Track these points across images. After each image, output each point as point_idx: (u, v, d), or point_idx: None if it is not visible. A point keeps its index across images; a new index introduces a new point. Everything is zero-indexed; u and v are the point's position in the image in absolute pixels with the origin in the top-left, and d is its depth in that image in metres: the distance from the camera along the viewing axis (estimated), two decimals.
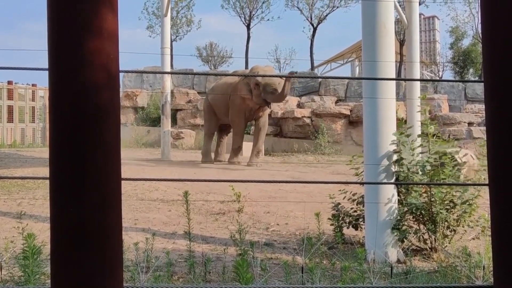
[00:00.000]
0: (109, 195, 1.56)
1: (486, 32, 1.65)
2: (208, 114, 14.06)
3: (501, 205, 1.68)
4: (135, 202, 6.94)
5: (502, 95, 1.63)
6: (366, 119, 4.44)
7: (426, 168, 4.44)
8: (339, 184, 9.21)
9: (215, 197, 7.39)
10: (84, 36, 1.52)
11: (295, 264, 4.02)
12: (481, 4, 1.68)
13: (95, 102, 1.54)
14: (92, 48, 1.52)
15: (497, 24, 1.62)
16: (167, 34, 14.42)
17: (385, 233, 4.35)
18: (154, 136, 18.27)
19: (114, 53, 1.60)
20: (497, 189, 1.69)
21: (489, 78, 1.66)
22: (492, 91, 1.66)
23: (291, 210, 6.65)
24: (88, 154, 1.51)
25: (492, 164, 1.71)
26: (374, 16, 4.29)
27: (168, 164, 12.61)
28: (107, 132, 1.57)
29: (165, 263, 3.87)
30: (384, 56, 4.25)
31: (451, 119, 17.01)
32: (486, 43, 1.66)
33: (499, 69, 1.63)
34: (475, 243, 4.76)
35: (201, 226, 5.68)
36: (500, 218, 1.68)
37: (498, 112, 1.67)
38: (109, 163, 1.57)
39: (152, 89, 20.68)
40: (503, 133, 1.65)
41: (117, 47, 1.62)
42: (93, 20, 1.53)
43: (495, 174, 1.71)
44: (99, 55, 1.54)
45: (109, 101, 1.57)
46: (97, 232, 1.53)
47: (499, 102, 1.65)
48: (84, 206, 1.50)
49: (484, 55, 1.70)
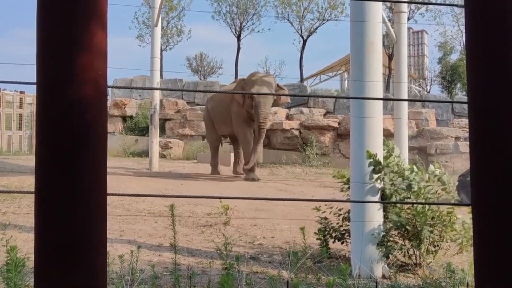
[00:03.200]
0: (95, 210, 1.56)
1: (470, 56, 1.67)
2: (209, 126, 13.72)
3: (483, 225, 1.69)
4: (121, 213, 6.91)
5: (486, 115, 1.63)
6: (353, 136, 4.48)
7: (412, 185, 4.48)
8: (328, 197, 9.26)
9: (202, 209, 7.38)
10: (74, 51, 1.52)
11: (281, 278, 4.02)
12: (465, 24, 1.70)
13: (83, 118, 1.54)
14: (81, 64, 1.53)
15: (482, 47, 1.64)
16: (157, 44, 14.45)
17: (370, 249, 4.37)
18: (142, 145, 18.22)
19: (103, 69, 1.61)
20: (480, 209, 1.70)
21: (473, 98, 1.68)
22: (476, 111, 1.67)
23: (277, 223, 6.65)
24: (74, 169, 1.51)
25: (475, 184, 1.72)
26: (362, 33, 4.34)
27: (155, 174, 12.58)
28: (95, 147, 1.58)
29: (150, 276, 3.85)
30: (371, 75, 4.30)
31: (438, 134, 17.15)
32: (470, 65, 1.68)
33: (483, 90, 1.64)
34: (459, 258, 4.79)
35: (187, 239, 5.66)
36: (482, 239, 1.69)
37: (482, 132, 1.68)
38: (95, 178, 1.57)
39: (141, 98, 20.64)
40: (486, 153, 1.66)
41: (105, 63, 1.63)
42: (83, 36, 1.54)
43: (478, 194, 1.72)
44: (88, 71, 1.55)
45: (97, 117, 1.58)
46: (82, 247, 1.52)
47: (483, 122, 1.66)
48: (69, 221, 1.50)
49: (468, 75, 1.71)
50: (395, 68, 10.83)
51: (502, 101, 1.59)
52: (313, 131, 17.69)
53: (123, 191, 8.64)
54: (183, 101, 20.08)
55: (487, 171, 1.64)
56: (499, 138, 1.60)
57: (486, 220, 1.65)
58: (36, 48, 1.53)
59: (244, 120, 12.34)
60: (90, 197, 1.53)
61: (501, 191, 1.61)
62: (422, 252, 4.51)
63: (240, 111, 12.26)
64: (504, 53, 1.57)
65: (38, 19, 1.53)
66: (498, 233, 1.61)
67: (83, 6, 1.49)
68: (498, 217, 1.61)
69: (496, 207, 1.62)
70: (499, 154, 1.61)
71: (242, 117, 12.32)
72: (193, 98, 20.69)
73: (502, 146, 1.60)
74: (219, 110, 12.93)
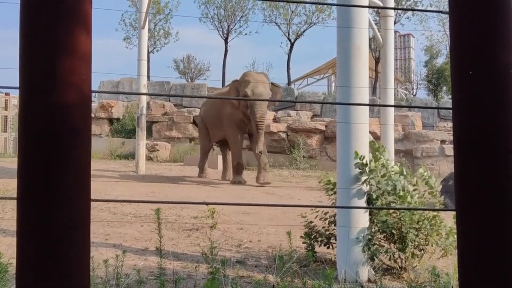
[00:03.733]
0: (78, 217, 1.55)
1: (454, 60, 1.67)
2: (203, 131, 13.46)
3: (467, 229, 1.69)
4: (107, 216, 6.86)
5: (470, 120, 1.63)
6: (339, 141, 4.49)
7: (397, 188, 4.50)
8: (314, 201, 9.28)
9: (188, 212, 7.35)
10: (57, 55, 1.50)
11: (267, 283, 4.01)
12: (450, 29, 1.69)
13: (67, 123, 1.52)
14: (64, 68, 1.51)
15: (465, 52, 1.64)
16: (144, 46, 14.39)
17: (356, 252, 4.38)
18: (129, 148, 18.12)
19: (87, 73, 1.59)
20: (464, 214, 1.71)
21: (457, 103, 1.68)
22: (460, 116, 1.66)
23: (264, 227, 6.64)
24: (58, 175, 1.50)
25: (459, 189, 1.72)
26: (349, 39, 4.36)
27: (142, 177, 12.52)
28: (78, 153, 1.56)
29: (135, 281, 3.83)
30: (358, 81, 4.31)
31: (424, 137, 17.26)
32: (454, 69, 1.68)
33: (467, 94, 1.64)
34: (444, 262, 4.82)
35: (173, 243, 5.64)
36: (466, 243, 1.70)
37: (466, 137, 1.67)
38: (79, 184, 1.56)
39: (128, 100, 20.54)
40: (470, 158, 1.66)
41: (90, 67, 1.62)
42: (67, 40, 1.52)
43: (461, 198, 1.71)
44: (72, 75, 1.53)
45: (81, 122, 1.56)
46: (65, 254, 1.51)
47: (466, 127, 1.66)
48: (52, 227, 1.48)
49: (452, 79, 1.70)
50: (381, 71, 10.89)
51: (486, 105, 1.59)
52: (300, 134, 17.73)
53: (109, 194, 8.59)
54: (170, 104, 20.02)
55: (471, 175, 1.64)
56: (483, 143, 1.60)
57: (469, 224, 1.65)
58: (19, 51, 1.52)
59: (236, 124, 12.12)
60: (73, 204, 1.52)
61: (484, 196, 1.61)
62: (408, 256, 4.53)
63: (233, 114, 12.03)
64: (488, 58, 1.57)
65: (21, 20, 1.51)
66: (481, 237, 1.61)
67: (67, 8, 1.47)
68: (482, 221, 1.61)
69: (480, 212, 1.62)
70: (482, 159, 1.60)
71: (234, 120, 12.08)
72: (180, 101, 20.64)
73: (486, 151, 1.60)
74: (211, 114, 12.74)
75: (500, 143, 1.59)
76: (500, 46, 1.57)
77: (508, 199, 1.60)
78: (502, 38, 1.57)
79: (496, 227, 1.59)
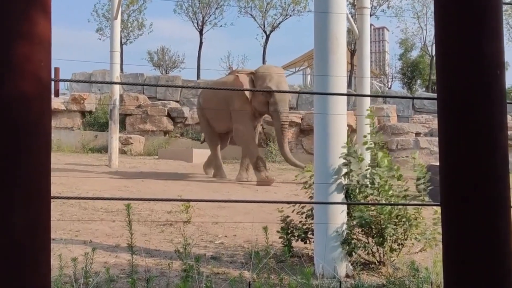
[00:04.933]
0: (38, 216, 1.44)
1: (439, 53, 1.58)
2: (204, 122, 12.25)
3: (452, 225, 1.63)
4: (77, 211, 6.67)
5: (456, 115, 1.55)
6: (317, 133, 4.39)
7: (375, 181, 4.42)
8: (290, 194, 9.20)
9: (162, 207, 7.19)
10: (13, 40, 1.39)
11: (242, 279, 3.90)
12: (435, 20, 1.62)
13: (24, 114, 1.41)
14: (21, 54, 1.40)
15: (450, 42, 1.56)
16: (117, 37, 14.10)
17: (334, 247, 4.29)
18: (101, 141, 17.80)
19: (46, 60, 1.47)
20: (449, 209, 1.64)
21: (443, 97, 1.60)
22: (446, 110, 1.58)
23: (239, 221, 6.53)
24: (14, 172, 1.38)
25: (444, 184, 1.65)
26: (326, 28, 4.24)
27: (115, 171, 12.29)
28: (37, 147, 1.44)
29: (105, 280, 3.68)
30: (335, 70, 4.21)
31: (399, 129, 17.33)
32: (440, 60, 1.60)
33: (453, 88, 1.56)
34: (422, 256, 4.77)
35: (146, 238, 5.48)
36: (451, 239, 1.63)
37: (452, 131, 1.60)
38: (38, 181, 1.44)
39: (100, 92, 20.19)
40: (456, 153, 1.59)
41: (49, 53, 1.50)
42: (23, 24, 1.41)
43: (447, 194, 1.65)
44: (29, 62, 1.42)
45: (39, 113, 1.44)
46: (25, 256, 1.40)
47: (452, 121, 1.58)
48: (10, 229, 1.38)
49: (437, 72, 1.63)
50: (357, 64, 10.84)
51: (473, 100, 1.51)
52: None
53: (80, 189, 8.37)
54: (144, 96, 19.71)
55: (456, 170, 1.58)
56: (470, 137, 1.53)
57: (455, 220, 1.59)
58: None
59: (249, 118, 11.05)
60: (32, 204, 1.41)
61: (470, 191, 1.55)
62: (386, 250, 4.46)
63: (244, 108, 10.89)
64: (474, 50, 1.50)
65: None
66: (466, 232, 1.56)
67: None
68: (467, 217, 1.56)
69: (466, 207, 1.57)
70: (469, 153, 1.55)
71: (247, 115, 10.97)
72: (154, 93, 20.36)
73: (472, 145, 1.54)
74: (213, 105, 11.47)
75: (487, 137, 1.53)
76: (487, 38, 1.49)
77: (495, 195, 1.55)
78: (488, 29, 1.50)
79: (482, 223, 1.54)
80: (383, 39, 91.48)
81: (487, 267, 1.53)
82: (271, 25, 25.57)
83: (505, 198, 1.56)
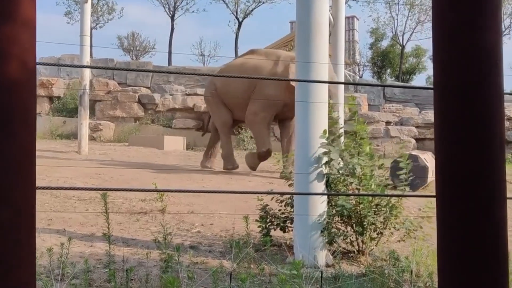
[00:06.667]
0: (22, 208, 1.36)
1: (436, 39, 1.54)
2: (216, 105, 10.79)
3: (447, 216, 1.61)
4: (49, 199, 6.50)
5: (453, 107, 1.52)
6: (298, 120, 4.35)
7: (356, 171, 4.41)
8: (264, 181, 9.17)
9: (136, 195, 7.07)
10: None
11: (223, 269, 3.85)
12: (433, 9, 1.58)
13: (7, 99, 1.32)
14: (4, 36, 1.31)
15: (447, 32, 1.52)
16: (87, 22, 13.76)
17: (314, 237, 4.28)
18: (70, 127, 17.46)
19: (30, 42, 1.38)
20: (444, 200, 1.62)
21: (440, 88, 1.56)
22: (442, 103, 1.55)
23: (216, 210, 6.47)
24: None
25: (441, 176, 1.63)
26: (309, 15, 4.19)
27: (85, 158, 12.07)
28: (21, 135, 1.36)
29: (82, 270, 3.58)
30: (318, 57, 4.16)
31: (370, 118, 17.46)
32: (437, 49, 1.56)
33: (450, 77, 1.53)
34: (399, 245, 4.80)
35: (122, 227, 5.37)
36: (446, 231, 1.61)
37: (449, 124, 1.57)
38: (22, 171, 1.36)
39: (69, 78, 19.75)
40: (453, 144, 1.56)
41: (34, 36, 1.40)
42: (6, 4, 1.32)
43: (443, 185, 1.62)
44: (13, 45, 1.33)
45: (24, 98, 1.36)
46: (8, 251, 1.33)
47: (449, 113, 1.55)
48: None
49: (434, 62, 1.59)
50: (332, 52, 10.82)
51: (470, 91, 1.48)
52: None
53: (51, 176, 8.16)
54: (114, 82, 19.36)
55: (453, 161, 1.55)
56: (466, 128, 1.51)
57: (450, 211, 1.57)
58: None
59: (275, 109, 10.02)
60: (16, 195, 1.33)
61: (466, 182, 1.53)
62: (366, 239, 4.47)
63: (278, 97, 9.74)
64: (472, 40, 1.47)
65: None
66: (462, 223, 1.53)
67: None
68: (462, 208, 1.54)
69: (461, 198, 1.54)
70: (465, 145, 1.52)
71: (275, 104, 9.86)
72: (124, 79, 19.99)
73: (469, 136, 1.51)
74: (237, 89, 10.21)
75: (484, 128, 1.51)
76: (485, 28, 1.46)
77: (491, 185, 1.53)
78: (487, 19, 1.47)
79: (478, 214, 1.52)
80: (353, 28, 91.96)
81: (483, 257, 1.51)
82: (244, 11, 25.40)
83: (501, 189, 1.54)
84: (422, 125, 17.52)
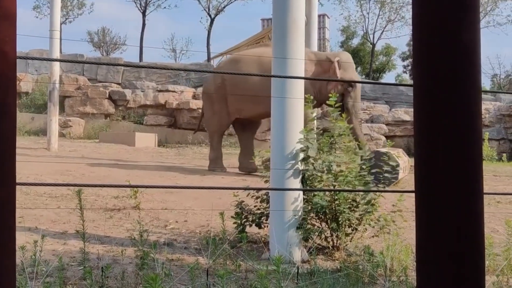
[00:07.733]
0: (2, 205, 1.34)
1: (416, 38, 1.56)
2: (219, 103, 10.09)
3: (426, 212, 1.64)
4: (19, 196, 6.38)
5: (432, 104, 1.55)
6: (274, 116, 4.36)
7: (332, 168, 4.45)
8: (237, 178, 9.17)
9: (109, 192, 7.00)
10: None
11: (199, 266, 3.84)
12: (413, 6, 1.60)
13: None
14: None
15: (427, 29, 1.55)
16: (57, 16, 13.50)
17: (289, 233, 4.30)
18: (39, 123, 17.15)
19: (11, 35, 1.36)
20: (423, 196, 1.65)
21: (418, 84, 1.59)
22: (421, 98, 1.58)
23: (189, 206, 6.44)
24: None
25: (419, 172, 1.65)
26: (285, 11, 4.21)
27: (55, 155, 11.87)
28: (1, 129, 1.34)
29: (56, 268, 3.52)
30: (294, 53, 4.18)
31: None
32: (416, 47, 1.59)
33: (428, 76, 1.55)
34: (373, 240, 4.86)
35: (95, 225, 5.30)
36: (424, 226, 1.64)
37: (428, 120, 1.60)
38: (3, 166, 1.34)
39: (37, 73, 19.38)
40: (431, 140, 1.59)
41: (14, 28, 1.39)
42: None
43: (421, 180, 1.65)
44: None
45: (4, 92, 1.34)
46: None
47: (428, 109, 1.58)
48: None
49: (414, 59, 1.62)
50: None
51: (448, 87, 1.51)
52: None
53: (20, 173, 7.95)
54: (84, 78, 19.08)
55: (431, 157, 1.58)
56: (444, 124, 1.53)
57: (428, 208, 1.60)
58: None
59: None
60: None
61: (444, 177, 1.55)
62: (341, 235, 4.51)
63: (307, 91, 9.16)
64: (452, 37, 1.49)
65: None
66: (440, 218, 1.56)
67: None
68: (440, 204, 1.56)
69: (439, 195, 1.57)
70: (443, 140, 1.54)
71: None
72: (95, 75, 19.72)
73: (447, 132, 1.54)
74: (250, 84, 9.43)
75: (461, 124, 1.54)
76: (464, 25, 1.49)
77: (469, 180, 1.56)
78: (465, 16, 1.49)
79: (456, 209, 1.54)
80: (324, 26, 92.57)
81: (460, 250, 1.54)
82: (216, 8, 25.32)
83: (479, 184, 1.58)
84: (392, 122, 17.74)
